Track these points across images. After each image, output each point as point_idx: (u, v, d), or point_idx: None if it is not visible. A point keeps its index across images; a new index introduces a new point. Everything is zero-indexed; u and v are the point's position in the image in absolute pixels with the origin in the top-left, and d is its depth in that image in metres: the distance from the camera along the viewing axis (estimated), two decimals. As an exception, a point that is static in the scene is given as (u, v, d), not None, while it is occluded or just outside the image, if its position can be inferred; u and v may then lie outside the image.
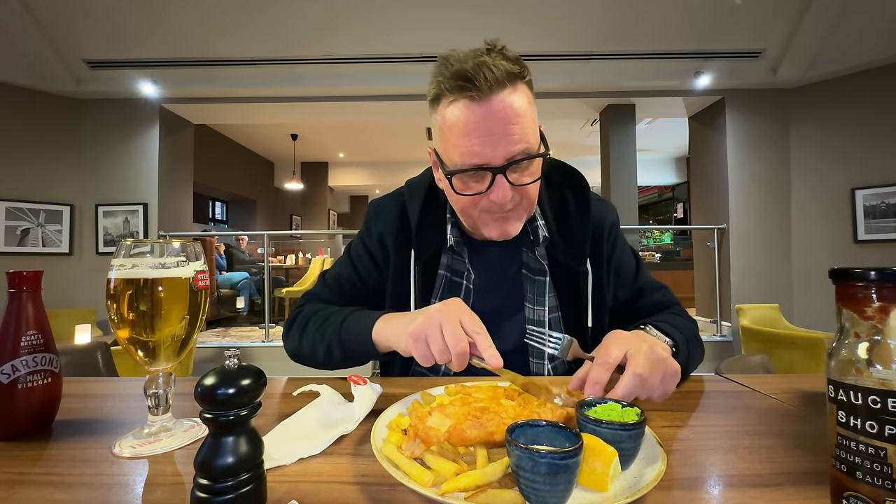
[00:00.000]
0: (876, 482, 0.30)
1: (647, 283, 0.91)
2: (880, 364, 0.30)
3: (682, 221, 9.72)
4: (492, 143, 0.67)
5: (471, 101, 0.66)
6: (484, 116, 0.66)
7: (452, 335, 0.56)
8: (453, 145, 0.69)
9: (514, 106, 0.67)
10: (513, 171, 0.69)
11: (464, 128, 0.67)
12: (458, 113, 0.67)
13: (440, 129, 0.72)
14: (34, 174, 4.02)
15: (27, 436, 0.53)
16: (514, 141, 0.67)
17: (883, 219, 3.75)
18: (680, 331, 0.73)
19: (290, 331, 0.85)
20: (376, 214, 0.90)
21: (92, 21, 3.53)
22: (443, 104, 0.70)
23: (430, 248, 0.84)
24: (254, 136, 7.71)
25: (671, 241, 10.32)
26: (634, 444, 0.41)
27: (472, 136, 0.67)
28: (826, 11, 3.41)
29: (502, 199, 0.69)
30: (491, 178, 0.69)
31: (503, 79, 0.66)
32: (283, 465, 0.45)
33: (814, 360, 2.46)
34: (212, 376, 0.35)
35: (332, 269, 0.94)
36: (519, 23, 3.66)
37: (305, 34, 3.72)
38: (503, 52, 0.70)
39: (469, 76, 0.65)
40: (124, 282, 0.51)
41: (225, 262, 6.51)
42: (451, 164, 0.71)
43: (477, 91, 0.65)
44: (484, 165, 0.68)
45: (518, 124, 0.67)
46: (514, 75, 0.68)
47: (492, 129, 0.66)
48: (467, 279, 0.85)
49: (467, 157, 0.68)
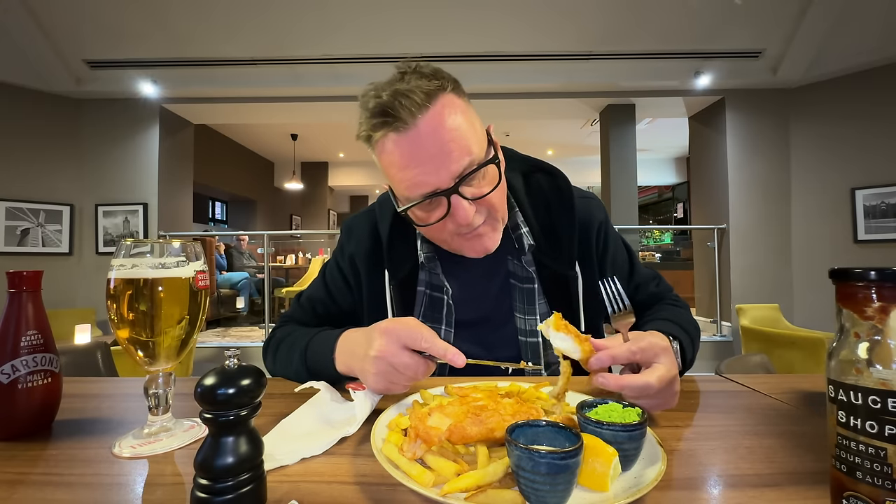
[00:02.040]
0: (876, 482, 0.30)
1: (643, 277, 0.89)
2: (880, 364, 0.30)
3: (682, 221, 9.72)
4: (433, 169, 0.64)
5: (398, 134, 0.64)
6: (415, 145, 0.63)
7: (406, 372, 0.55)
8: (398, 181, 0.67)
9: (446, 123, 0.64)
10: (467, 186, 0.66)
11: (400, 161, 0.65)
12: (389, 148, 0.65)
13: (381, 167, 0.70)
14: (34, 174, 4.03)
15: (27, 436, 0.53)
16: (454, 159, 0.64)
17: (883, 219, 3.75)
18: (686, 331, 0.72)
19: (266, 353, 0.84)
20: (348, 235, 0.88)
21: (92, 21, 3.53)
22: (373, 143, 0.68)
23: (404, 266, 0.81)
24: (254, 136, 7.71)
25: (671, 241, 10.32)
26: (636, 444, 0.41)
27: (410, 168, 0.64)
28: (826, 12, 3.41)
29: (466, 220, 0.66)
30: (447, 201, 0.66)
31: (422, 101, 0.63)
32: (284, 465, 0.45)
33: (814, 360, 2.47)
34: (212, 376, 0.35)
35: (307, 288, 0.92)
36: (518, 23, 3.66)
37: (305, 34, 3.72)
38: (418, 71, 0.66)
39: (387, 110, 0.63)
40: (124, 282, 0.51)
41: (225, 262, 6.52)
42: (403, 198, 0.69)
43: (400, 122, 0.63)
44: (434, 192, 0.65)
45: (454, 139, 0.64)
46: (433, 92, 0.64)
47: (428, 155, 0.63)
48: (446, 293, 0.81)
49: (414, 189, 0.65)
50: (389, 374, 0.56)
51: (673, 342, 0.66)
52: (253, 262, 6.96)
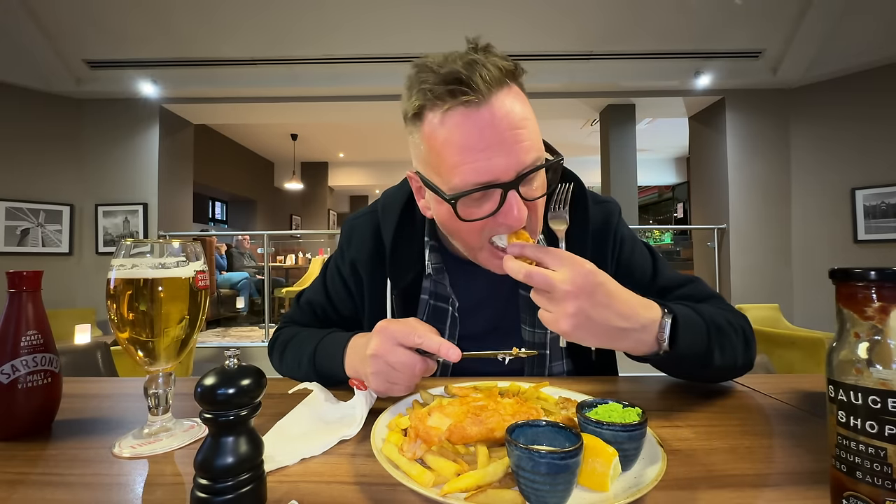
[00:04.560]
0: (876, 482, 0.30)
1: (670, 280, 0.79)
2: (880, 364, 0.30)
3: (682, 221, 9.72)
4: (502, 154, 0.56)
5: (468, 108, 0.55)
6: (489, 123, 0.55)
7: (403, 370, 0.54)
8: (452, 164, 0.57)
9: (518, 107, 0.57)
10: (524, 184, 0.58)
11: (463, 140, 0.56)
12: (456, 123, 0.56)
13: (430, 148, 0.60)
14: (34, 174, 4.02)
15: (27, 436, 0.53)
16: (525, 149, 0.57)
17: (883, 219, 3.74)
18: (702, 317, 0.62)
19: (272, 354, 0.84)
20: (349, 238, 0.83)
21: (92, 21, 3.53)
22: (430, 118, 0.58)
23: (407, 274, 0.76)
24: (254, 136, 7.71)
25: (671, 241, 10.32)
26: (636, 444, 0.41)
27: (476, 150, 0.56)
28: (826, 11, 3.41)
29: (518, 221, 0.58)
30: (501, 196, 0.57)
31: (501, 77, 0.56)
32: (285, 465, 0.45)
33: (814, 360, 2.46)
34: (212, 376, 0.35)
35: (306, 290, 0.89)
36: (518, 22, 3.66)
37: (305, 34, 3.72)
38: (490, 50, 0.60)
39: (463, 78, 0.54)
40: (124, 282, 0.51)
41: (225, 262, 6.52)
42: (449, 187, 0.59)
43: (475, 94, 0.55)
44: (492, 182, 0.57)
45: (526, 128, 0.57)
46: (512, 73, 0.59)
47: (499, 139, 0.55)
48: (452, 305, 0.77)
49: (471, 176, 0.56)
50: (387, 373, 0.55)
51: (666, 316, 0.57)
52: (253, 263, 6.96)
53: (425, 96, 0.58)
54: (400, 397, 0.59)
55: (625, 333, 0.54)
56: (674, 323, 0.58)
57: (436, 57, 0.59)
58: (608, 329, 0.53)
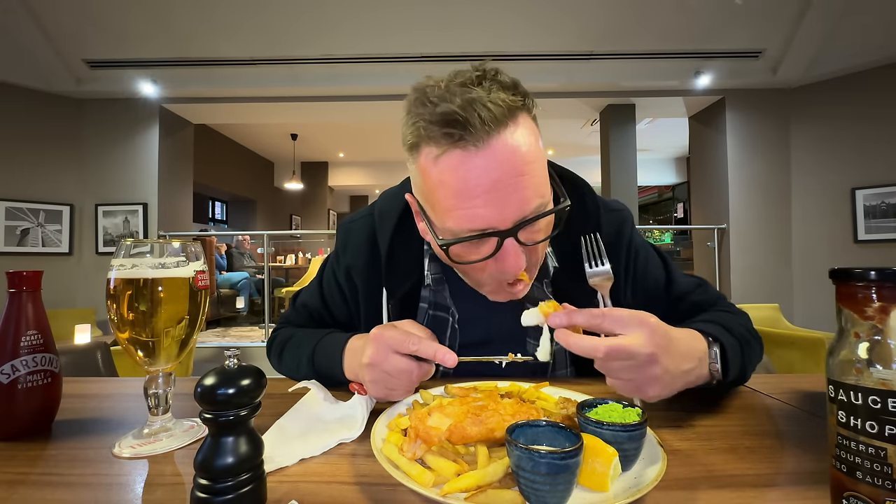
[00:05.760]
0: (876, 482, 0.30)
1: (683, 287, 0.77)
2: (880, 364, 0.30)
3: (682, 221, 9.71)
4: (499, 203, 0.52)
5: (465, 152, 0.51)
6: (485, 170, 0.51)
7: (400, 377, 0.54)
8: (446, 208, 0.54)
9: (522, 150, 0.52)
10: (524, 231, 0.55)
11: (458, 186, 0.52)
12: (450, 167, 0.52)
13: (425, 185, 0.56)
14: (34, 174, 4.02)
15: (27, 436, 0.53)
16: (525, 198, 0.53)
17: (883, 219, 3.74)
18: (732, 334, 0.60)
19: (269, 354, 0.84)
20: (345, 242, 0.80)
21: (92, 21, 3.53)
22: (425, 154, 0.54)
23: (404, 283, 0.73)
24: (254, 136, 7.71)
25: (671, 241, 10.32)
26: (636, 444, 0.41)
27: (471, 197, 0.52)
28: (826, 11, 3.41)
29: (515, 269, 0.55)
30: (497, 242, 0.54)
31: (503, 116, 0.51)
32: (284, 466, 0.45)
33: (814, 360, 2.46)
34: (212, 376, 0.35)
35: (302, 292, 0.88)
36: (518, 22, 3.65)
37: (304, 34, 3.72)
38: (497, 79, 0.54)
39: (460, 120, 0.50)
40: (124, 282, 0.51)
41: (225, 262, 6.52)
42: (444, 229, 0.56)
43: (472, 138, 0.50)
44: (487, 230, 0.53)
45: (529, 174, 0.52)
46: (516, 108, 0.53)
47: (496, 186, 0.51)
48: (452, 316, 0.75)
49: (465, 222, 0.53)
50: (384, 381, 0.55)
51: (713, 345, 0.56)
52: (253, 263, 6.97)
53: (419, 133, 0.54)
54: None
55: (690, 374, 0.52)
56: (722, 349, 0.57)
57: (437, 84, 0.54)
58: (680, 375, 0.51)
